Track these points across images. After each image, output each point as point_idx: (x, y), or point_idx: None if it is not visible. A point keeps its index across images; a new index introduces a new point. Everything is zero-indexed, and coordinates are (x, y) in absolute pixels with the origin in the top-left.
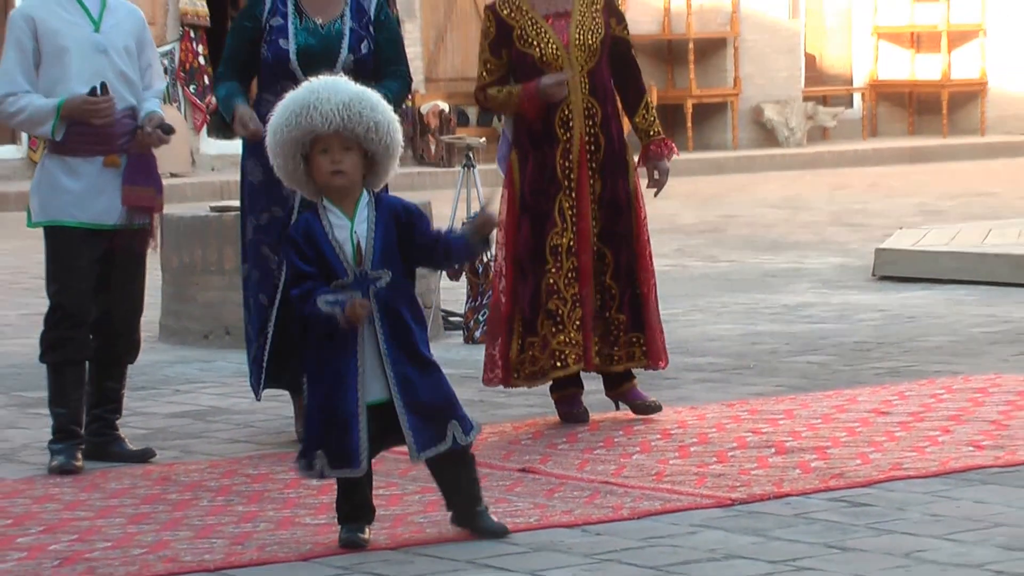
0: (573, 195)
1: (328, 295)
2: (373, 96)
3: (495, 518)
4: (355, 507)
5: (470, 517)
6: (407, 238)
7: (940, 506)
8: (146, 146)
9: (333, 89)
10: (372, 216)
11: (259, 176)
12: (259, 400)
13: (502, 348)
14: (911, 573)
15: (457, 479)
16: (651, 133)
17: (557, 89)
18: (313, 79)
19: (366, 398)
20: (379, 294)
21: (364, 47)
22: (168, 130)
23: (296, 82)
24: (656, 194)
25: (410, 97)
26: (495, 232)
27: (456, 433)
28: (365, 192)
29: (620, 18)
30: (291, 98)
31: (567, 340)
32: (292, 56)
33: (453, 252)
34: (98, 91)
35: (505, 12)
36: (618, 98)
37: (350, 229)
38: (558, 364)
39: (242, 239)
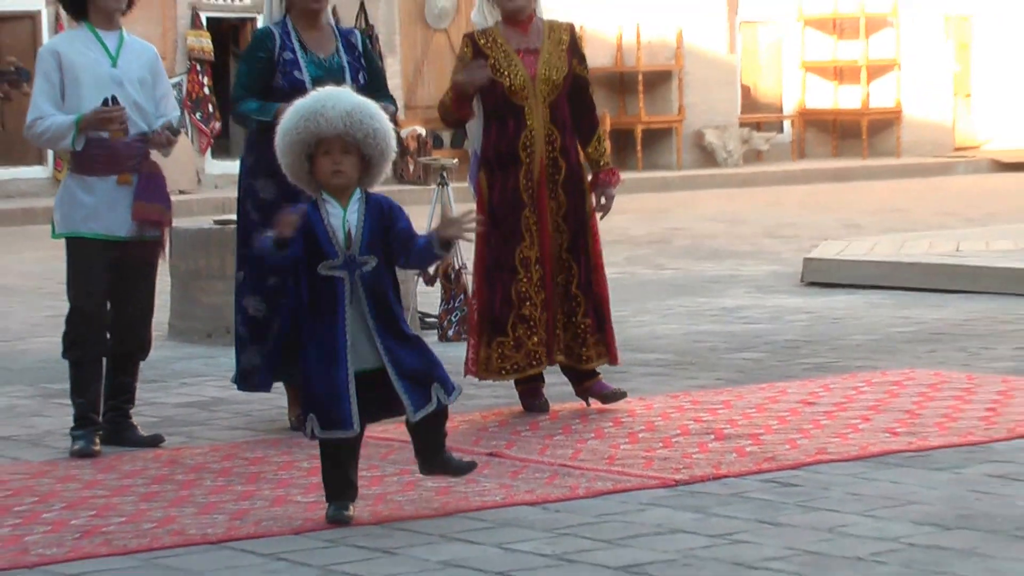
0: (536, 212)
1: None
2: (372, 106)
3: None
4: (341, 487)
5: (439, 463)
6: (386, 231)
7: (860, 486)
8: (160, 147)
9: (337, 98)
10: (363, 208)
11: (271, 194)
12: (268, 391)
13: (474, 346)
14: (835, 546)
15: (435, 435)
16: (601, 163)
17: (471, 77)
18: (319, 89)
19: (356, 366)
20: (364, 277)
21: (362, 77)
22: (175, 131)
23: None
24: (602, 217)
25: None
26: (455, 242)
27: (439, 394)
28: (359, 189)
29: (581, 58)
30: (299, 105)
31: (540, 341)
32: (309, 85)
33: (413, 253)
34: (109, 102)
35: (482, 42)
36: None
37: (343, 217)
38: (534, 363)
39: (239, 249)
